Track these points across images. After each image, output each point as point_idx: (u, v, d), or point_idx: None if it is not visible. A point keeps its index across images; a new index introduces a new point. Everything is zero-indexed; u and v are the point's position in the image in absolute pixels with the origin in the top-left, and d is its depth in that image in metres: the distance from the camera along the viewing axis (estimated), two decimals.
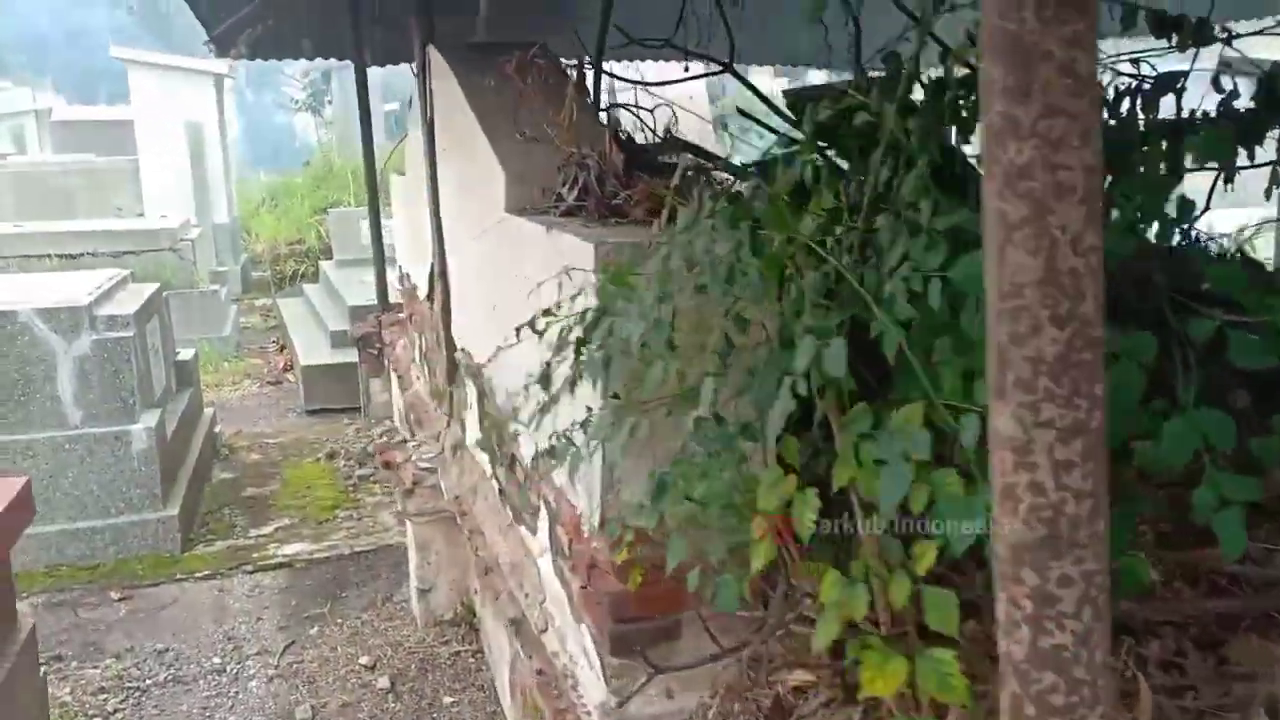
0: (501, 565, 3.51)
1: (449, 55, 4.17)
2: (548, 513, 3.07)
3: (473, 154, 3.74)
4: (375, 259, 7.95)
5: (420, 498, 4.46)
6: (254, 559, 5.50)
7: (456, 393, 4.61)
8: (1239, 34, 2.70)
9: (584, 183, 3.24)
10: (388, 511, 6.09)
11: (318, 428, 7.94)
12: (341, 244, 11.13)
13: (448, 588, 4.60)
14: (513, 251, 3.24)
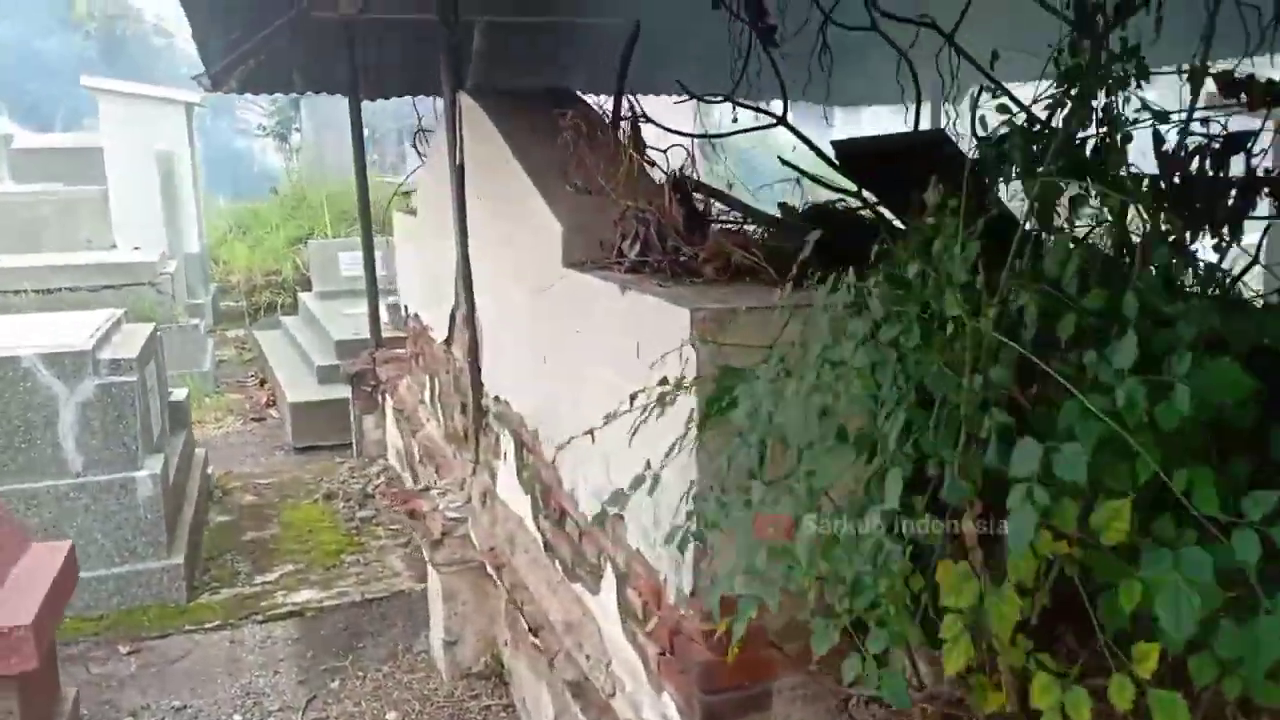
0: (554, 623, 3.45)
1: (484, 103, 4.14)
2: (615, 574, 3.03)
3: (519, 204, 3.70)
4: (368, 293, 7.88)
5: (449, 548, 4.38)
6: (263, 608, 5.37)
7: (484, 439, 4.55)
8: None
9: (645, 237, 3.22)
10: (395, 556, 5.99)
11: (310, 467, 7.79)
12: (321, 275, 10.99)
13: (474, 639, 4.51)
14: (574, 307, 3.21)
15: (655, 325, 2.63)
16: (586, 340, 3.14)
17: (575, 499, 3.31)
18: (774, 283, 2.88)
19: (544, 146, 3.70)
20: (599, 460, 3.06)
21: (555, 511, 3.58)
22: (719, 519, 2.00)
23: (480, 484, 4.50)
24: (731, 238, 3.09)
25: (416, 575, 5.69)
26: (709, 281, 2.88)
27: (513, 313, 3.93)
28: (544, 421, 3.64)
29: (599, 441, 3.05)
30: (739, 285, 2.83)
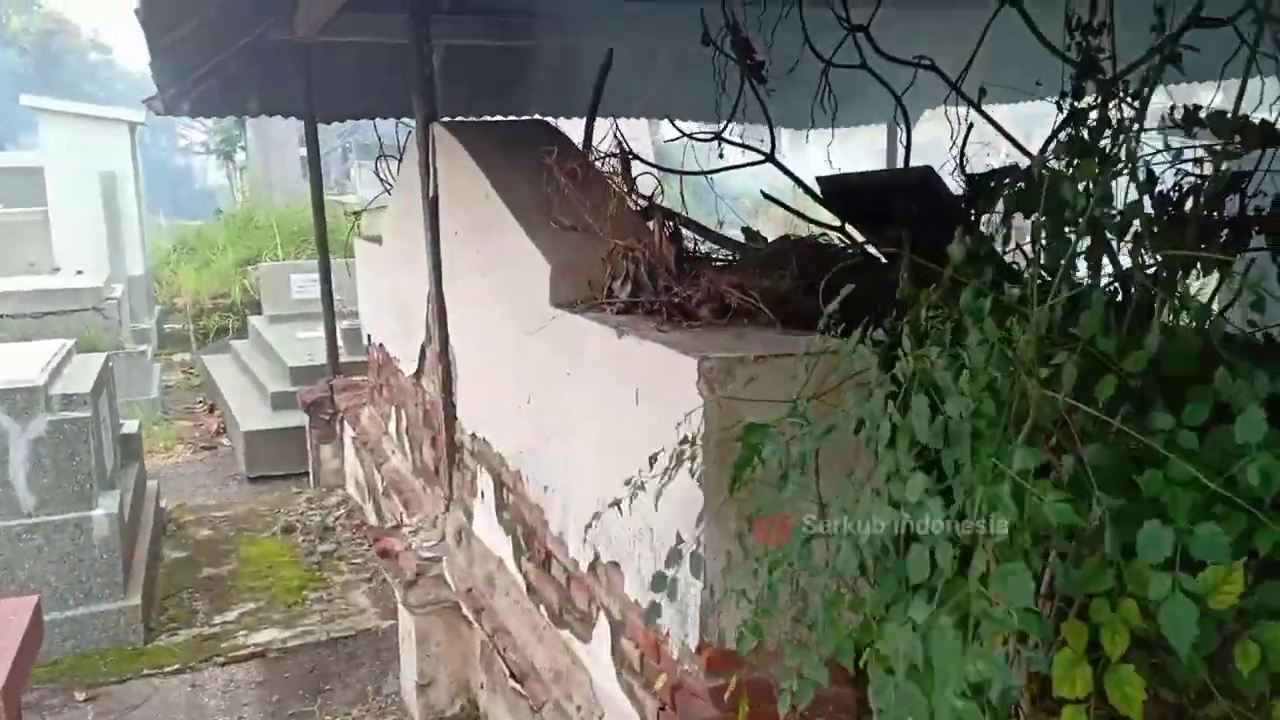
0: (541, 671, 3.36)
1: (459, 134, 4.06)
2: (609, 623, 2.95)
3: (500, 240, 3.63)
4: (326, 319, 7.73)
5: (423, 588, 4.27)
6: (224, 649, 5.20)
7: (458, 476, 4.45)
8: None
9: (636, 277, 3.16)
10: (359, 591, 5.85)
11: (265, 497, 7.61)
12: (272, 299, 10.78)
13: (449, 681, 4.40)
14: (565, 348, 3.14)
15: (658, 373, 2.57)
16: (578, 383, 3.08)
17: (564, 543, 3.24)
18: (771, 324, 2.85)
19: (525, 181, 3.63)
20: (592, 504, 2.99)
21: (540, 554, 3.50)
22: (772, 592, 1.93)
23: (455, 521, 4.40)
24: (723, 276, 3.04)
25: (383, 612, 5.56)
26: (707, 324, 2.83)
27: (493, 350, 3.85)
28: (527, 462, 3.56)
29: (593, 485, 2.99)
30: (737, 328, 2.79)
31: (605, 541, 2.91)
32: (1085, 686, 1.62)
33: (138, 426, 6.83)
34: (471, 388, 4.20)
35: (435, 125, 4.23)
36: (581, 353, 3.04)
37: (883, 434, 1.90)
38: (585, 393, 3.04)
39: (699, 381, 2.37)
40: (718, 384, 2.36)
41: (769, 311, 2.88)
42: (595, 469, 2.98)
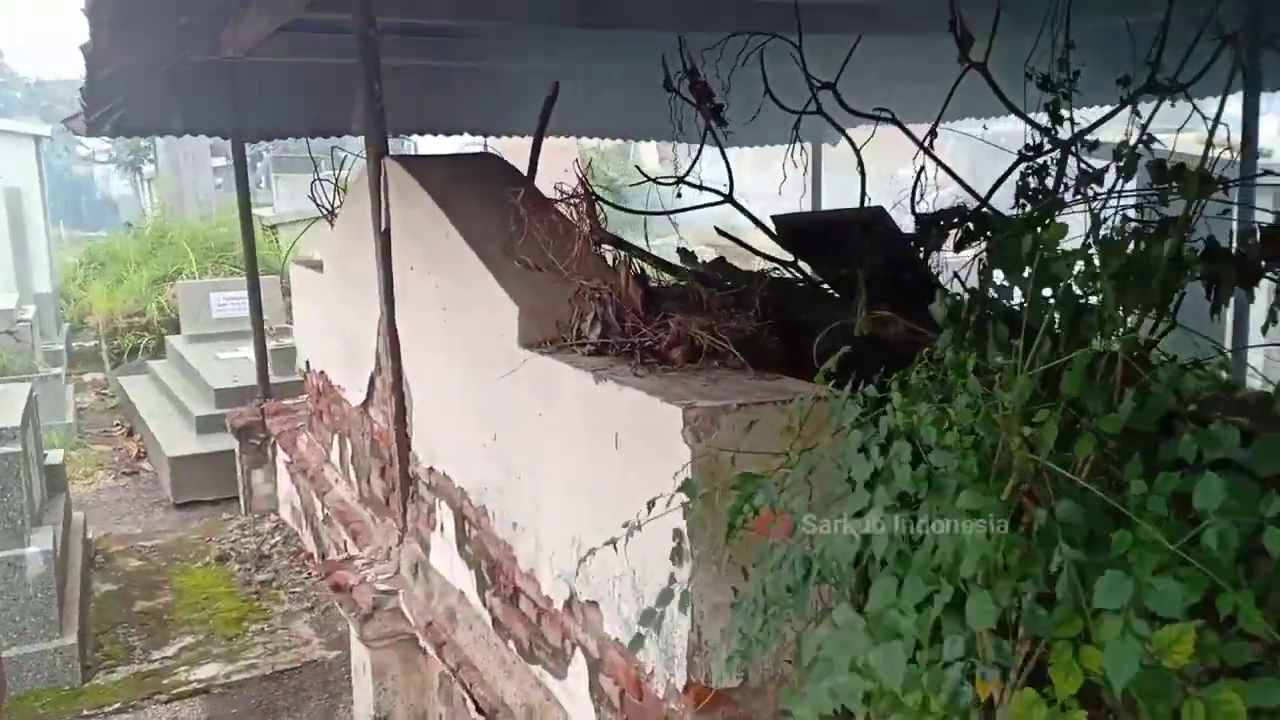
0: (511, 707, 3.39)
1: (412, 168, 4.08)
2: (586, 660, 3.01)
3: (462, 279, 3.66)
4: (256, 341, 7.64)
5: (379, 622, 4.26)
6: (165, 686, 5.11)
7: (413, 508, 4.45)
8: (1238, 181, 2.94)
9: (604, 318, 3.22)
10: (301, 621, 5.79)
11: (194, 525, 7.46)
12: (191, 318, 10.56)
13: (405, 714, 4.40)
14: (536, 389, 3.18)
15: (639, 419, 2.63)
16: (551, 424, 3.12)
17: (536, 580, 3.28)
18: (741, 367, 2.94)
19: (486, 220, 3.66)
20: (567, 543, 3.04)
21: (507, 589, 3.53)
22: (764, 636, 2.01)
23: (410, 554, 4.40)
24: (692, 318, 3.11)
25: (328, 643, 5.52)
26: (681, 368, 2.90)
27: (454, 385, 3.87)
28: (493, 498, 3.59)
29: (569, 525, 3.04)
30: (710, 371, 2.87)
31: (583, 580, 2.96)
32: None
33: (62, 457, 6.64)
34: (429, 421, 4.21)
35: (387, 160, 4.23)
36: (555, 395, 3.08)
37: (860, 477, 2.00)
38: (559, 434, 3.08)
39: (684, 430, 2.44)
40: (703, 432, 2.43)
41: (738, 354, 2.97)
42: (570, 509, 3.03)
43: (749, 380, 2.76)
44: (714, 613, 2.48)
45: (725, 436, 2.43)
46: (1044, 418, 1.87)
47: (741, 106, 3.58)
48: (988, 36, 2.80)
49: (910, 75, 5.43)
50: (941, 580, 1.81)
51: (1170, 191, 2.97)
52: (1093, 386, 1.92)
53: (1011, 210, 3.22)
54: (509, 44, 6.71)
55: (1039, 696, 1.72)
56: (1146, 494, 1.65)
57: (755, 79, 3.52)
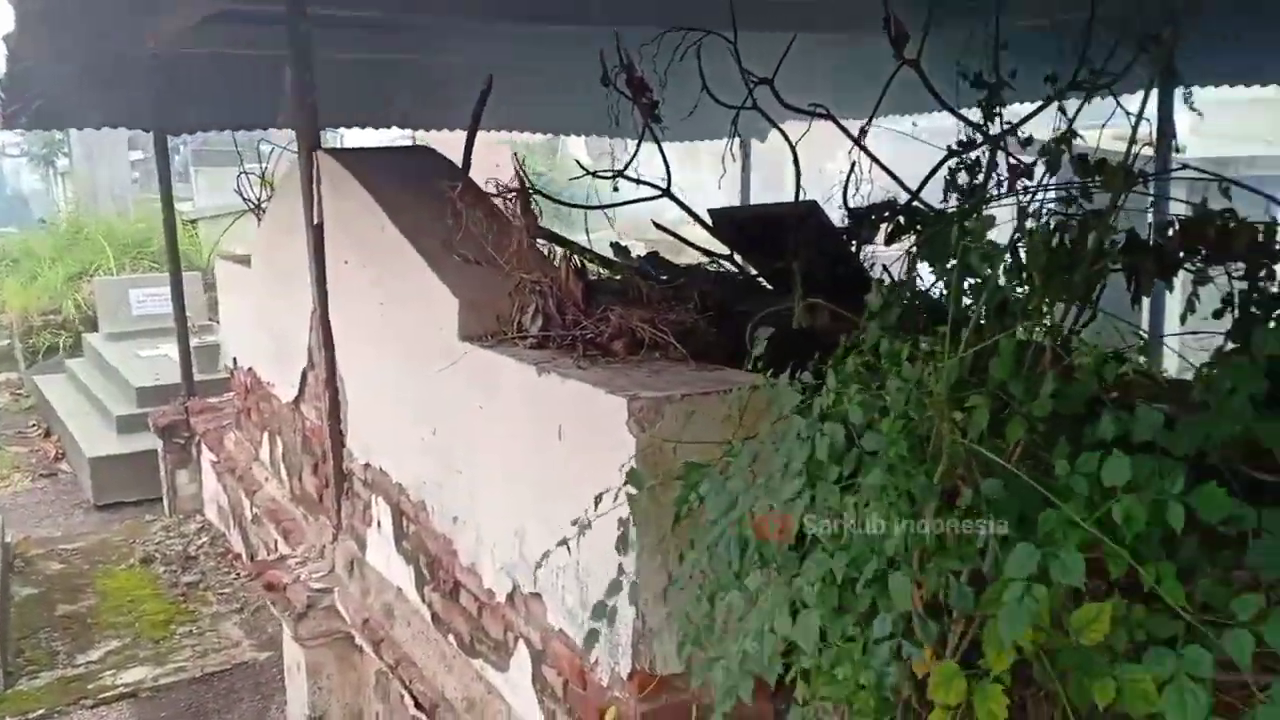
0: (452, 701, 3.39)
1: (346, 162, 4.04)
2: (530, 652, 3.02)
3: (400, 273, 3.64)
4: (179, 338, 7.49)
5: (314, 620, 4.21)
6: (91, 691, 4.99)
7: (347, 505, 4.41)
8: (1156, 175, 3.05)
9: (545, 311, 3.23)
10: (231, 623, 5.69)
11: (117, 527, 7.29)
12: (110, 316, 10.28)
13: (341, 712, 4.36)
14: (477, 382, 3.18)
15: (583, 410, 2.65)
16: (493, 417, 3.12)
17: (478, 574, 3.28)
18: (682, 359, 2.97)
19: (424, 214, 3.65)
20: (509, 536, 3.05)
21: (447, 584, 3.52)
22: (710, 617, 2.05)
23: (345, 551, 4.36)
24: (632, 311, 3.14)
25: (258, 644, 5.44)
26: (622, 360, 2.93)
27: (390, 380, 3.85)
28: (432, 493, 3.58)
29: (512, 517, 3.05)
30: (652, 364, 2.90)
31: (526, 572, 2.97)
32: (958, 696, 1.81)
33: None
34: (364, 416, 4.17)
35: (319, 153, 4.18)
36: (496, 388, 3.09)
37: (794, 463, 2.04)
38: (501, 427, 3.09)
39: (629, 420, 2.46)
40: (648, 423, 2.46)
41: (679, 346, 3.01)
42: (512, 501, 3.04)
43: (691, 371, 2.79)
44: (658, 601, 2.51)
45: (669, 427, 2.47)
46: (975, 403, 1.93)
47: (678, 102, 3.63)
48: (920, 35, 2.87)
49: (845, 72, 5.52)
50: (873, 558, 1.86)
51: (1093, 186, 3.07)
52: (1020, 373, 1.99)
53: (941, 204, 3.31)
54: (440, 37, 6.66)
55: (958, 669, 1.78)
56: (1070, 474, 1.71)
57: (690, 74, 3.56)
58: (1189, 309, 2.96)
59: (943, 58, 3.24)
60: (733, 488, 2.05)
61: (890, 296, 2.22)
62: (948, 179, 3.27)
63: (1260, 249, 2.78)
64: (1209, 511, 1.58)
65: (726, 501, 2.07)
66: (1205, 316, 2.75)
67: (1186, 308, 2.96)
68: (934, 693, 1.79)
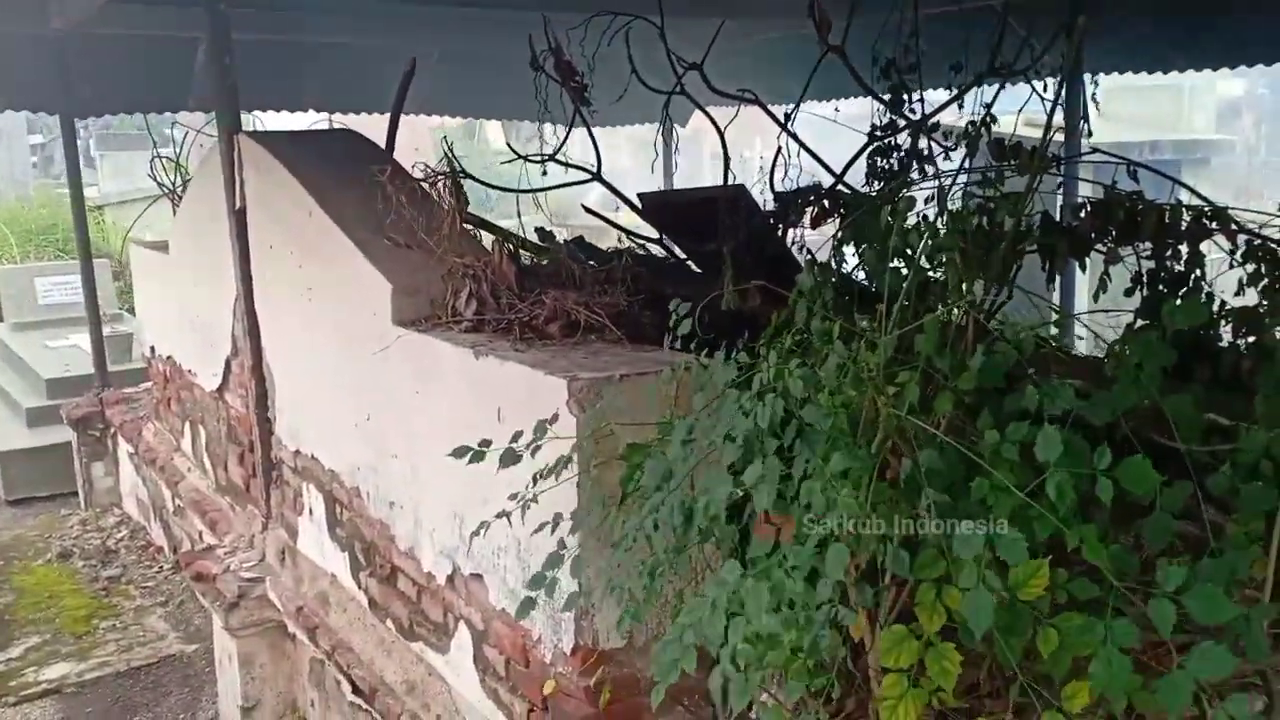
0: (392, 685, 3.40)
1: (271, 146, 3.99)
2: (471, 633, 3.05)
3: (328, 258, 3.62)
4: (91, 328, 7.32)
5: (246, 610, 4.18)
6: (13, 688, 4.88)
7: (276, 493, 4.38)
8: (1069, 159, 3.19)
9: (479, 295, 3.26)
10: (155, 616, 5.59)
11: (30, 522, 7.09)
12: (14, 305, 9.94)
13: (275, 701, 4.34)
14: (412, 367, 3.19)
15: (522, 392, 2.69)
16: (429, 401, 3.14)
17: (416, 557, 3.29)
18: (618, 341, 3.02)
19: (351, 198, 3.63)
20: (448, 519, 3.08)
21: (384, 569, 3.53)
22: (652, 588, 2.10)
23: (276, 540, 4.33)
24: (567, 294, 3.18)
25: (184, 636, 5.37)
26: (559, 342, 2.97)
27: (320, 366, 3.83)
28: (367, 479, 3.58)
29: (451, 501, 3.07)
30: (588, 345, 2.94)
31: (465, 554, 3.00)
32: (910, 658, 1.90)
33: None
34: (294, 404, 4.14)
35: (241, 136, 4.13)
36: (432, 372, 3.10)
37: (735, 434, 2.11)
38: (437, 411, 3.11)
39: (569, 401, 2.51)
40: (587, 402, 2.51)
41: (614, 328, 3.06)
42: (451, 485, 3.06)
43: (627, 352, 2.85)
44: (600, 577, 2.56)
45: (609, 406, 2.52)
46: (905, 378, 2.02)
47: (604, 87, 3.66)
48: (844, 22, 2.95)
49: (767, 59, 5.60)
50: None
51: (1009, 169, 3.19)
52: (945, 348, 2.08)
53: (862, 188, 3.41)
54: (358, 19, 6.58)
55: (907, 632, 1.87)
56: (999, 443, 1.81)
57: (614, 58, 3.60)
58: (1101, 287, 3.09)
59: (862, 44, 3.34)
60: (671, 456, 2.11)
61: (820, 277, 2.30)
62: (869, 163, 3.37)
63: (1166, 230, 2.92)
64: (1135, 485, 1.68)
65: (663, 471, 2.13)
66: (1114, 296, 2.89)
67: (1099, 286, 3.09)
68: (884, 658, 1.87)
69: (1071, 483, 1.67)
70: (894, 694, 1.85)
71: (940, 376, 2.07)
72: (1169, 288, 2.95)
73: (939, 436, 1.86)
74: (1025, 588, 1.75)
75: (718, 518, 2.06)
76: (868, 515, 1.84)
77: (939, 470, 1.85)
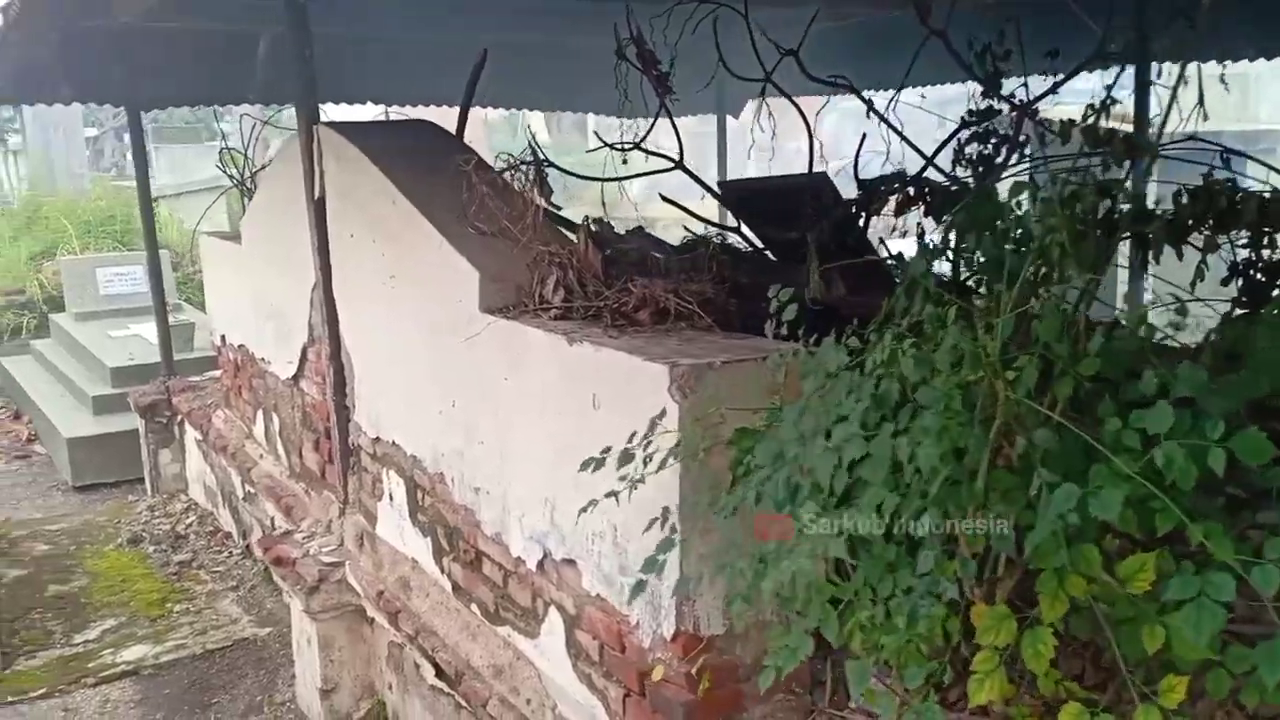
0: (479, 669, 3.44)
1: (351, 135, 4.04)
2: (562, 618, 3.07)
3: (412, 246, 3.65)
4: (158, 317, 7.42)
5: (326, 594, 4.24)
6: (92, 669, 4.98)
7: (354, 479, 4.43)
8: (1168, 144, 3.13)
9: (566, 283, 3.27)
10: (228, 600, 5.69)
11: (99, 508, 7.23)
12: (76, 295, 10.11)
13: (353, 684, 4.40)
14: (501, 354, 3.22)
15: (619, 378, 2.70)
16: (519, 388, 3.16)
17: (503, 543, 3.32)
18: (709, 328, 3.03)
19: (434, 187, 3.66)
20: (539, 504, 3.10)
21: (468, 554, 3.56)
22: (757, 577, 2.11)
23: (354, 525, 4.38)
24: (654, 282, 3.19)
25: (257, 620, 5.45)
26: (650, 329, 2.98)
27: (401, 354, 3.86)
28: (452, 465, 3.61)
29: (542, 486, 3.09)
30: (680, 333, 2.95)
31: (557, 539, 3.03)
32: (1007, 638, 1.90)
33: None
34: (372, 391, 4.19)
35: (320, 127, 4.17)
36: (523, 358, 3.12)
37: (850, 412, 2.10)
38: (528, 397, 3.13)
39: (671, 387, 2.52)
40: (689, 389, 2.52)
41: (703, 315, 3.07)
42: (542, 471, 3.08)
43: (722, 339, 2.85)
44: (702, 562, 2.57)
45: (710, 393, 2.52)
46: (1024, 362, 2.01)
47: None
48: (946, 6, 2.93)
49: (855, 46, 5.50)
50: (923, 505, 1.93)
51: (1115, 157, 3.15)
52: (1063, 334, 2.07)
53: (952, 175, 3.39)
54: (421, 11, 6.60)
55: (1009, 612, 1.87)
56: (1121, 429, 1.79)
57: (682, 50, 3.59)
58: (1198, 275, 3.05)
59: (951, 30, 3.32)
60: (783, 436, 2.12)
61: (929, 262, 2.30)
62: (957, 150, 3.35)
63: (1265, 218, 2.88)
64: (1251, 456, 1.66)
65: (774, 452, 2.14)
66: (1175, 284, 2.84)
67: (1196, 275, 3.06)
68: (982, 636, 1.88)
69: (1183, 455, 1.64)
70: (984, 669, 1.86)
71: (1059, 362, 2.06)
72: (1267, 276, 2.92)
73: (1057, 419, 1.85)
74: (1135, 580, 1.75)
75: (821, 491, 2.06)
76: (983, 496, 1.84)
77: (1055, 453, 1.84)
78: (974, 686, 1.88)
